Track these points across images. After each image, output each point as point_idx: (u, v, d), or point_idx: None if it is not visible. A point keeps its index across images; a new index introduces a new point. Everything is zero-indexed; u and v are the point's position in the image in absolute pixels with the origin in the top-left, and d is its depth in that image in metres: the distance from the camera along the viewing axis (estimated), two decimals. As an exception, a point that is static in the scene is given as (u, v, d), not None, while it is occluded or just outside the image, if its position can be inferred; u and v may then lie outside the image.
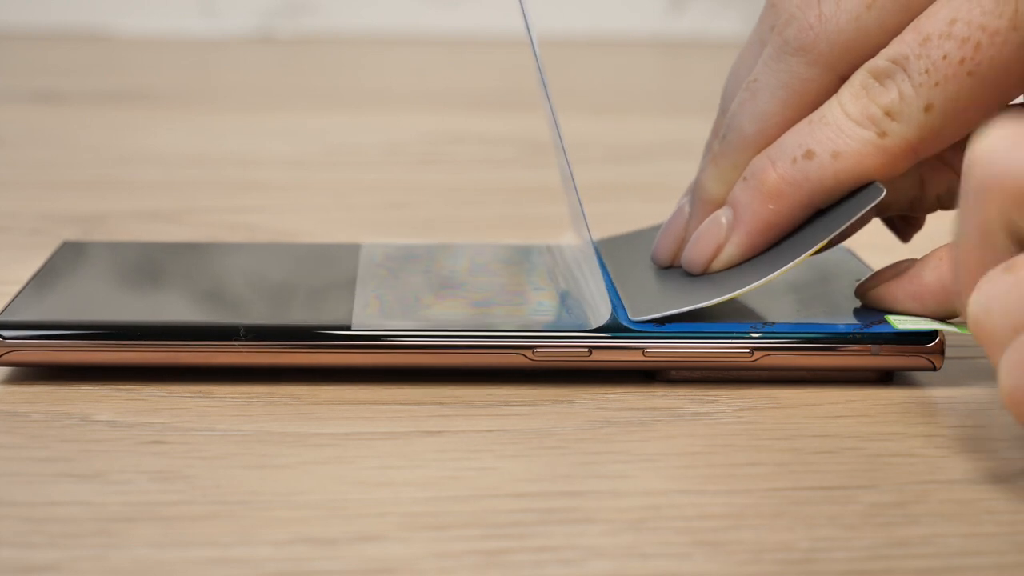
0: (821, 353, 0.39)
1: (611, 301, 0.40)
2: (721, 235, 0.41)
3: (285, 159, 0.68)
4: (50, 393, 0.39)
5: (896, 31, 0.39)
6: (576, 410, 0.38)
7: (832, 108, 0.39)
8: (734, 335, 0.39)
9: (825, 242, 0.39)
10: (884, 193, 0.39)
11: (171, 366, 0.39)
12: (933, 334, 0.39)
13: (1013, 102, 0.40)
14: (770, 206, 0.40)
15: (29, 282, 0.43)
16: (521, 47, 1.05)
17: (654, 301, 0.40)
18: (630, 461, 0.35)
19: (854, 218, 0.39)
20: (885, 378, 0.40)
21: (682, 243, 0.42)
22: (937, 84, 0.38)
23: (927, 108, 0.38)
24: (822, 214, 0.40)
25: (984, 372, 0.40)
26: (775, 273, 0.39)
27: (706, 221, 0.41)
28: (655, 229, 0.44)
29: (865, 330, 0.39)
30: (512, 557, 0.31)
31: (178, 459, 0.35)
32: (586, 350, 0.39)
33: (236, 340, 0.39)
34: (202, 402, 0.39)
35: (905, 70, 0.39)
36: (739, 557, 0.31)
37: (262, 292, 0.43)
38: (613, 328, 0.39)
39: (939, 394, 0.39)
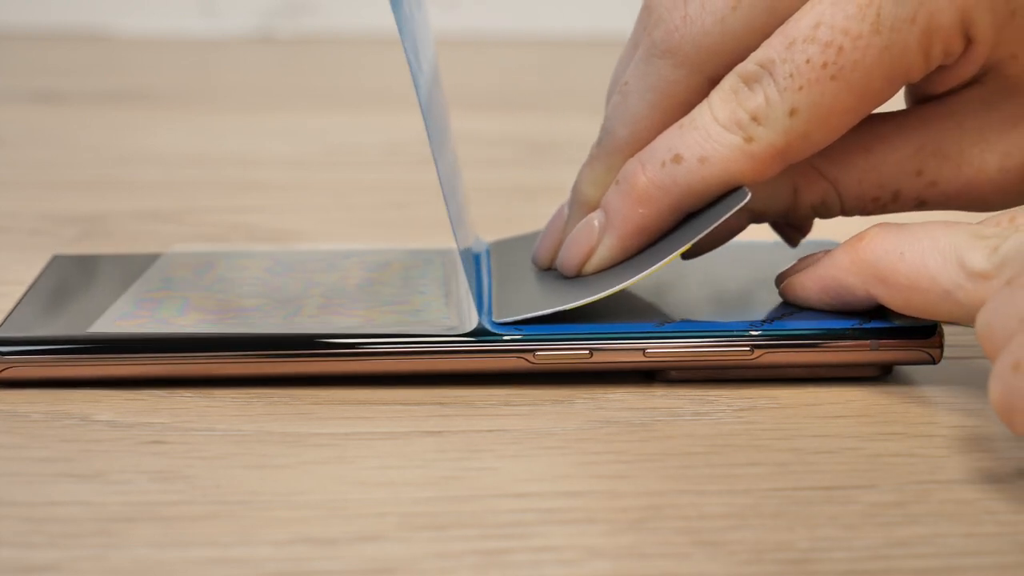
0: (821, 349, 0.39)
1: (488, 304, 0.40)
2: (593, 238, 0.41)
3: (285, 159, 0.68)
4: (50, 393, 0.39)
5: (764, 33, 0.39)
6: (576, 410, 0.38)
7: (702, 112, 0.40)
8: (734, 334, 0.39)
9: (688, 245, 0.39)
10: (748, 197, 0.39)
11: (171, 378, 0.39)
12: (932, 328, 0.39)
13: (878, 110, 0.40)
14: (640, 210, 0.40)
15: (23, 297, 0.43)
16: (521, 47, 1.05)
17: (523, 303, 0.40)
18: (630, 461, 0.35)
19: (717, 222, 0.39)
20: (885, 372, 0.40)
21: (560, 245, 0.42)
22: (801, 88, 0.38)
23: (792, 112, 0.38)
24: (692, 217, 0.40)
25: (984, 372, 0.40)
26: (637, 277, 0.40)
27: (580, 224, 0.41)
28: None
29: (864, 325, 0.39)
30: (512, 557, 0.31)
31: (178, 459, 0.35)
32: (587, 352, 0.39)
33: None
34: (202, 402, 0.39)
35: (771, 74, 0.39)
36: (739, 557, 0.31)
37: (270, 300, 0.43)
38: (480, 332, 0.39)
39: (939, 394, 0.39)
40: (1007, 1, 0.38)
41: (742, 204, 0.39)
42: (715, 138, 0.39)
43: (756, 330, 0.39)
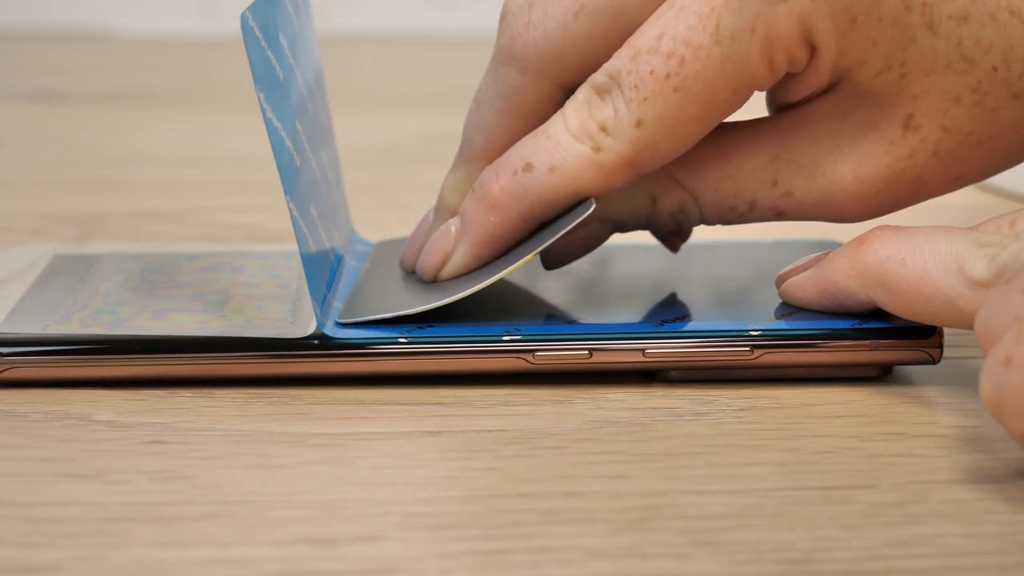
0: (821, 349, 0.39)
1: (328, 305, 0.40)
2: (449, 244, 0.41)
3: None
4: (50, 393, 0.39)
5: (609, 39, 0.39)
6: (576, 410, 0.38)
7: (556, 122, 0.40)
8: (734, 334, 0.39)
9: (531, 255, 0.40)
10: (592, 208, 0.39)
11: (171, 378, 0.39)
12: (932, 328, 0.39)
13: (738, 117, 0.40)
14: (491, 217, 0.40)
15: (23, 297, 0.43)
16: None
17: (374, 305, 0.41)
18: (630, 461, 0.35)
19: (561, 233, 0.39)
20: (885, 372, 0.40)
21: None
22: (646, 99, 0.38)
23: (638, 123, 0.38)
24: (545, 227, 0.40)
25: (984, 372, 0.40)
26: (479, 286, 0.40)
27: (438, 230, 0.42)
28: None
29: (864, 325, 0.39)
30: (512, 557, 0.31)
31: (178, 459, 0.35)
32: (586, 352, 0.39)
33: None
34: (202, 402, 0.39)
35: (619, 85, 0.39)
36: (739, 557, 0.31)
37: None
38: (318, 336, 0.39)
39: (939, 394, 0.39)
40: (847, 9, 0.38)
41: (586, 215, 0.39)
42: (565, 148, 0.39)
43: (756, 330, 0.39)
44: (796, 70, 0.39)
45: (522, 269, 0.44)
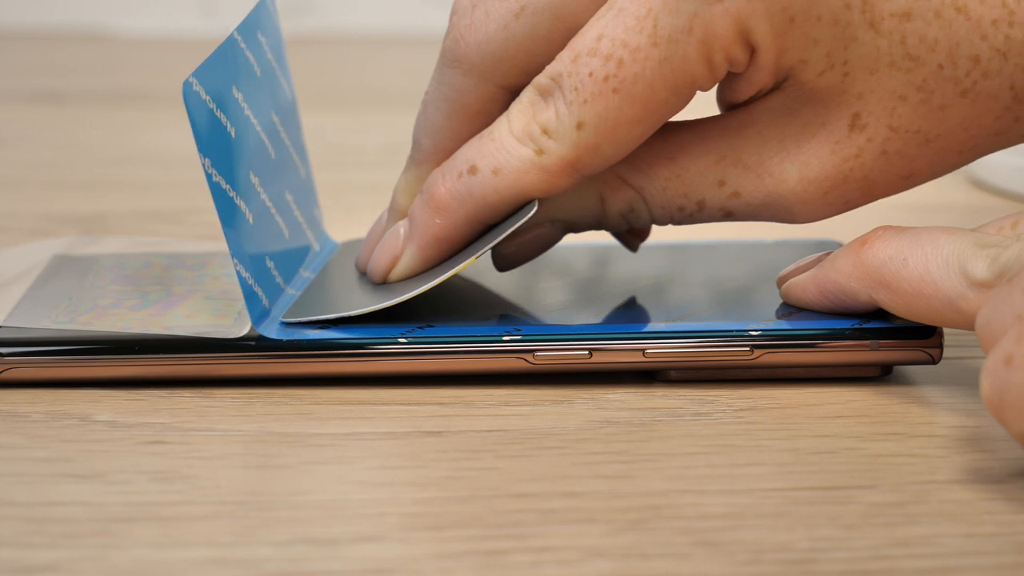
0: (821, 349, 0.39)
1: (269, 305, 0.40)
2: (398, 246, 0.41)
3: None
4: (50, 393, 0.39)
5: (551, 40, 0.39)
6: (576, 410, 0.38)
7: (501, 124, 0.40)
8: (734, 334, 0.39)
9: (474, 258, 0.40)
10: (535, 211, 0.39)
11: (171, 378, 0.40)
12: (932, 328, 0.39)
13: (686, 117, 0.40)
14: (437, 220, 0.40)
15: (23, 297, 0.43)
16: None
17: (321, 305, 0.41)
18: (630, 461, 0.35)
19: (503, 235, 0.39)
20: (885, 372, 0.40)
21: None
22: (586, 102, 0.38)
23: (579, 126, 0.38)
24: (490, 230, 0.40)
25: (984, 372, 0.40)
26: (421, 289, 0.40)
27: (388, 232, 0.42)
28: None
29: (864, 325, 0.39)
30: (512, 557, 0.31)
31: (178, 459, 0.35)
32: (586, 352, 0.39)
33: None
34: (202, 402, 0.39)
35: (560, 88, 0.39)
36: (739, 557, 0.31)
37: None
38: (254, 337, 0.39)
39: (939, 394, 0.39)
40: (784, 8, 0.38)
41: (527, 218, 0.39)
42: (509, 150, 0.39)
43: (756, 330, 0.39)
44: (738, 70, 0.39)
45: (521, 269, 0.45)
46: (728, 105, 0.41)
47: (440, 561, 0.31)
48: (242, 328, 0.40)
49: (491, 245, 0.40)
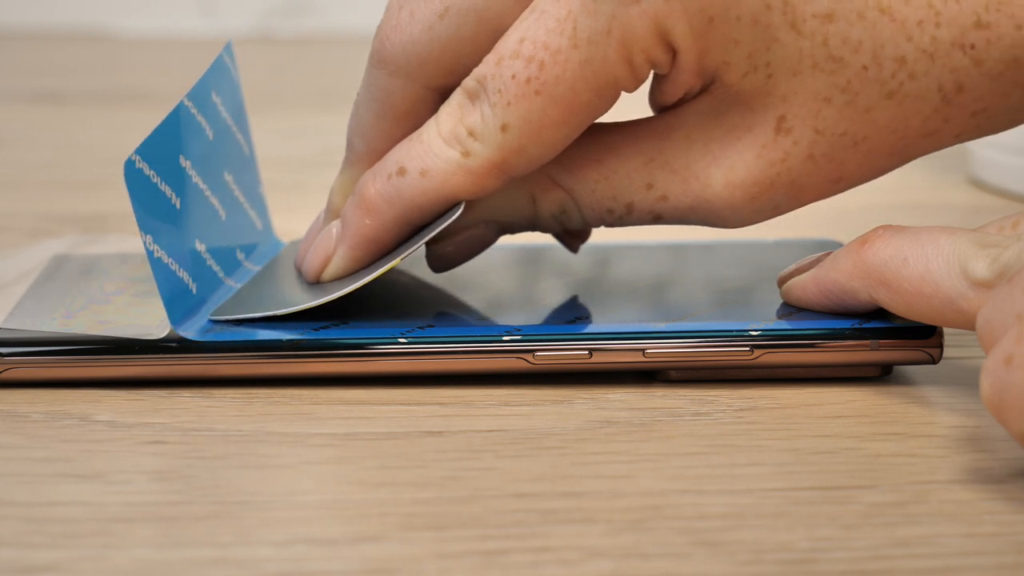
0: (821, 349, 0.39)
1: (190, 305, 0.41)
2: (330, 246, 0.41)
3: (285, 159, 0.68)
4: (50, 393, 0.39)
5: (476, 42, 0.39)
6: (576, 410, 0.38)
7: (430, 126, 0.40)
8: (734, 334, 0.39)
9: (399, 260, 0.40)
10: (459, 212, 0.39)
11: (171, 378, 0.40)
12: (932, 328, 0.39)
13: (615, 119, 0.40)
14: (367, 221, 0.40)
15: (23, 297, 0.43)
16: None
17: (252, 304, 0.41)
18: (630, 461, 0.35)
19: (428, 237, 0.40)
20: (885, 372, 0.40)
21: None
22: (509, 104, 0.38)
23: (504, 128, 0.38)
24: (419, 231, 0.41)
25: (984, 372, 0.40)
26: (347, 289, 0.40)
27: (321, 232, 0.42)
28: None
29: (864, 325, 0.39)
30: (512, 557, 0.31)
31: (178, 459, 0.35)
32: (586, 352, 0.39)
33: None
34: (202, 402, 0.39)
35: (485, 90, 0.39)
36: (739, 557, 0.31)
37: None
38: (174, 339, 0.39)
39: (939, 394, 0.39)
40: (703, 9, 0.37)
41: (453, 219, 0.39)
42: (436, 152, 0.39)
43: (756, 330, 0.39)
44: (662, 71, 0.39)
45: (520, 270, 0.45)
46: (659, 107, 0.40)
47: (440, 561, 0.31)
48: (165, 329, 0.40)
49: (418, 246, 0.40)
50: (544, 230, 0.42)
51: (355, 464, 0.35)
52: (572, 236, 0.44)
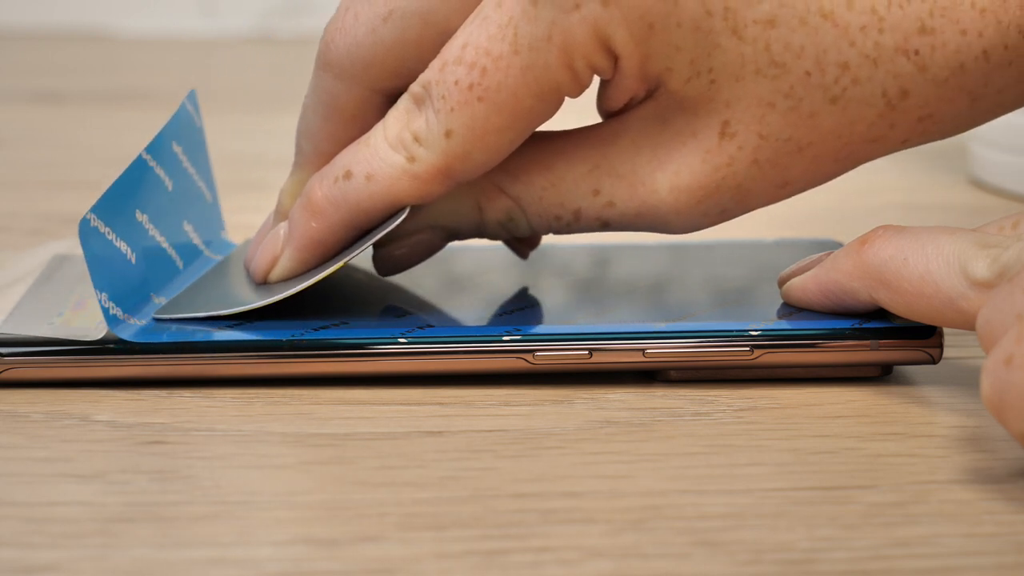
0: (821, 349, 0.39)
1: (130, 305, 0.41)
2: (277, 248, 0.41)
3: (285, 159, 0.68)
4: (50, 393, 0.39)
5: (421, 45, 0.39)
6: (576, 410, 0.38)
7: (377, 130, 0.40)
8: (734, 334, 0.39)
9: (343, 263, 0.40)
10: (404, 216, 0.39)
11: (171, 378, 0.40)
12: (932, 328, 0.39)
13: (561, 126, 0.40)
14: (313, 223, 0.40)
15: (23, 297, 0.43)
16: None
17: (197, 303, 0.41)
18: (630, 461, 0.35)
19: (371, 241, 0.40)
20: (885, 372, 0.40)
21: None
22: (453, 110, 0.38)
23: (448, 134, 0.39)
24: (366, 233, 0.41)
25: (984, 372, 0.40)
26: (291, 291, 0.40)
27: (269, 234, 0.42)
28: None
29: (864, 325, 0.39)
30: (512, 557, 0.31)
31: (178, 459, 0.35)
32: (586, 352, 0.39)
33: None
34: (202, 402, 0.39)
35: (430, 96, 0.39)
36: (739, 557, 0.31)
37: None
38: (111, 340, 0.39)
39: (939, 394, 0.39)
40: (643, 15, 0.37)
41: (397, 223, 0.39)
42: (382, 157, 0.39)
43: (756, 330, 0.39)
44: (605, 77, 0.39)
45: (519, 270, 0.45)
46: (605, 113, 0.40)
47: (440, 561, 0.31)
48: (103, 330, 0.40)
49: (363, 249, 0.40)
50: (492, 237, 0.42)
51: (355, 464, 0.35)
52: (521, 243, 0.44)
